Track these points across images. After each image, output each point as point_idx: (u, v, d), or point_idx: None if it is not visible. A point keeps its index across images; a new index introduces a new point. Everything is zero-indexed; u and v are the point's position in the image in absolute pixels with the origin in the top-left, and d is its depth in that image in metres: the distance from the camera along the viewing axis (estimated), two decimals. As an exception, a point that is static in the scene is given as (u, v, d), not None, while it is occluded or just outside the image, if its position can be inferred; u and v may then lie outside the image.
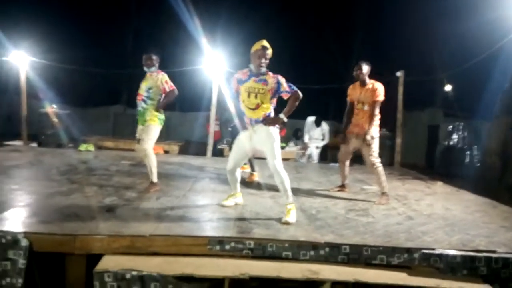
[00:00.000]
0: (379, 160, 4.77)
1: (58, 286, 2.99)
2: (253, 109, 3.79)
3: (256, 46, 3.75)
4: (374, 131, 4.73)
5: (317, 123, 8.63)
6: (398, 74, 8.55)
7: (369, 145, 4.66)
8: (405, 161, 11.03)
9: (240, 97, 3.87)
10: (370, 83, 4.79)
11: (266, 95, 3.74)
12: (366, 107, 4.78)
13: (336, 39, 19.23)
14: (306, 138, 8.78)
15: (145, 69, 4.69)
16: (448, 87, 16.14)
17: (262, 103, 3.75)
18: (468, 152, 13.07)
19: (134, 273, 2.71)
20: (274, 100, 3.86)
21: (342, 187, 5.28)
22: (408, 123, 14.10)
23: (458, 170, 11.85)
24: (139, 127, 4.74)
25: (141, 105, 4.68)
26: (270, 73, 3.81)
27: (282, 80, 3.77)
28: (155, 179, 4.63)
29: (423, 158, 14.73)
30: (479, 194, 5.52)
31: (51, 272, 3.06)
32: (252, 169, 5.80)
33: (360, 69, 4.76)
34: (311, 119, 8.70)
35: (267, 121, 3.75)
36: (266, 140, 3.75)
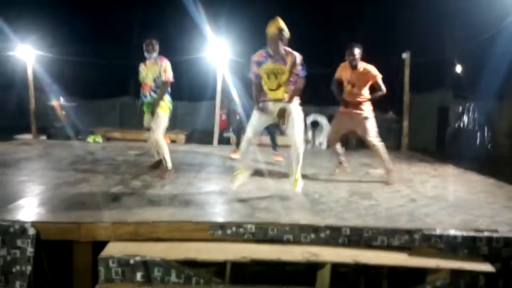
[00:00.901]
0: (378, 139, 4.78)
1: (66, 272, 3.08)
2: (274, 90, 3.82)
3: (272, 30, 3.71)
4: (370, 111, 4.75)
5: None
6: (404, 55, 8.44)
7: (367, 126, 4.74)
8: (415, 145, 10.95)
9: (262, 80, 3.88)
10: (361, 66, 4.76)
11: (286, 75, 3.76)
12: (356, 90, 4.79)
13: (341, 20, 18.95)
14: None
15: (147, 55, 4.71)
16: (458, 68, 15.85)
17: (284, 82, 3.78)
18: (479, 134, 12.91)
19: (137, 258, 2.78)
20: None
21: (340, 164, 5.26)
22: (417, 106, 13.93)
23: (469, 152, 11.73)
24: (146, 116, 4.81)
25: (150, 95, 4.72)
26: (289, 50, 3.79)
27: (299, 60, 3.77)
28: (169, 165, 4.78)
29: (433, 141, 14.59)
30: (488, 175, 5.47)
31: (59, 259, 3.15)
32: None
33: (353, 54, 4.66)
34: None
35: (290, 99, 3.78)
36: (290, 114, 3.78)
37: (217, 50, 8.37)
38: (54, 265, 3.14)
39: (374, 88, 4.90)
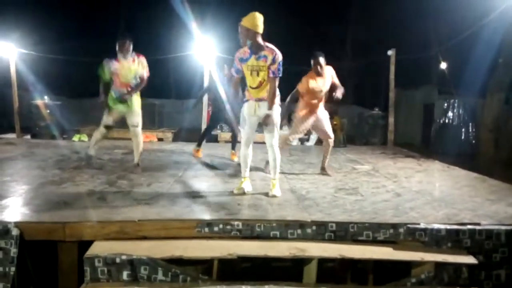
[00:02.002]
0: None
1: (51, 272, 3.05)
2: (256, 88, 3.80)
3: (248, 24, 3.64)
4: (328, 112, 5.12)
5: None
6: (390, 52, 8.52)
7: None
8: (401, 140, 11.08)
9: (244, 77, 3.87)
10: (325, 69, 4.80)
11: (266, 72, 3.72)
12: (322, 95, 4.90)
13: (328, 19, 19.04)
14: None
15: (121, 56, 4.63)
16: (442, 64, 16.07)
17: (265, 80, 3.74)
18: (463, 129, 13.11)
19: (124, 257, 2.76)
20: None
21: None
22: (403, 102, 14.08)
23: (454, 148, 11.91)
24: (122, 112, 4.85)
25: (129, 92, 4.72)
26: (270, 46, 3.74)
27: (277, 59, 3.70)
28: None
29: (419, 137, 14.77)
30: (472, 170, 5.57)
31: (44, 259, 3.12)
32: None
33: (319, 63, 4.69)
34: None
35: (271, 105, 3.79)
36: (272, 121, 3.85)
37: (204, 48, 8.33)
38: (39, 265, 3.11)
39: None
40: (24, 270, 2.97)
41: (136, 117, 4.85)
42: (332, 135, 5.09)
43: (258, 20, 3.66)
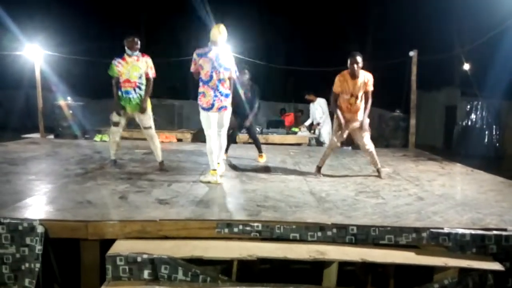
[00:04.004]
0: (371, 142, 5.02)
1: (74, 270, 3.11)
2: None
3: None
4: (365, 118, 4.91)
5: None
6: (411, 53, 8.37)
7: (365, 130, 4.91)
8: (423, 143, 10.87)
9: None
10: (362, 75, 4.73)
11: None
12: (352, 99, 4.80)
13: (349, 18, 18.87)
14: (307, 122, 9.25)
15: (130, 52, 4.75)
16: (465, 66, 15.72)
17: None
18: (487, 132, 12.79)
19: (145, 256, 2.79)
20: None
21: (319, 170, 5.16)
22: (425, 104, 13.84)
23: (477, 150, 11.63)
24: (133, 114, 4.92)
25: (137, 92, 4.83)
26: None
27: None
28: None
29: (440, 139, 14.48)
30: (497, 174, 5.42)
31: (67, 257, 3.18)
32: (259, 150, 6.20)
33: (357, 62, 4.59)
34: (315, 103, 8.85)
35: None
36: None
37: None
38: (62, 262, 3.17)
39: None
40: (49, 267, 3.04)
41: (148, 119, 4.95)
42: (369, 143, 4.97)
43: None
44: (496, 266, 2.84)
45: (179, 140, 9.43)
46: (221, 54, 4.40)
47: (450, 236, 2.99)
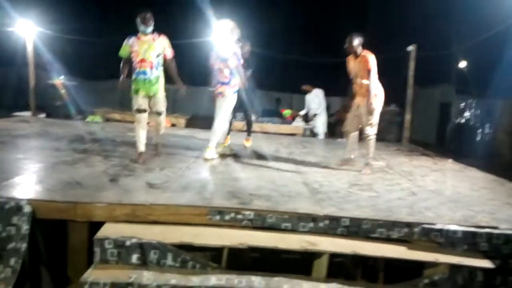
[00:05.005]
0: (375, 131, 4.78)
1: (61, 252, 3.05)
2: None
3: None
4: (370, 102, 4.66)
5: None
6: (410, 48, 8.33)
7: (370, 113, 4.68)
8: (416, 138, 10.89)
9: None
10: (362, 54, 4.70)
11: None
12: (359, 80, 4.75)
13: (346, 13, 18.72)
14: (302, 112, 9.21)
15: (143, 28, 4.46)
16: (462, 64, 15.73)
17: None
18: (479, 130, 12.87)
19: (134, 240, 2.75)
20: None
21: (346, 161, 5.17)
22: (420, 100, 13.84)
23: (469, 148, 11.70)
24: (147, 97, 4.59)
25: (152, 73, 4.51)
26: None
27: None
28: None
29: (433, 135, 14.55)
30: (488, 172, 5.44)
31: (55, 238, 3.12)
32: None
33: (348, 42, 4.67)
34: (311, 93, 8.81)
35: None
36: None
37: (225, 33, 8.22)
38: (50, 244, 3.11)
39: None
40: (35, 248, 2.98)
41: (161, 103, 4.68)
42: (369, 128, 4.74)
43: None
44: (486, 263, 2.85)
45: (173, 125, 9.35)
46: (221, 47, 4.90)
47: (442, 232, 2.98)
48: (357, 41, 4.65)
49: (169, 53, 4.61)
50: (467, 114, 13.26)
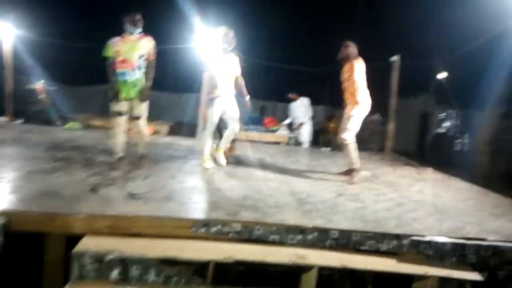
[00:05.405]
0: (351, 137, 4.81)
1: (36, 267, 2.88)
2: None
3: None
4: (351, 109, 4.76)
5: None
6: (394, 58, 8.41)
7: (343, 122, 4.80)
8: (397, 148, 10.99)
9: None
10: (350, 61, 4.73)
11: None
12: (345, 84, 4.80)
13: (333, 23, 18.93)
14: (287, 120, 9.18)
15: (133, 29, 4.36)
16: (442, 75, 16.05)
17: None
18: (459, 140, 13.11)
19: (114, 254, 2.61)
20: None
21: (348, 171, 5.06)
22: (401, 110, 14.04)
23: (449, 158, 11.88)
24: (129, 100, 4.45)
25: (134, 75, 4.39)
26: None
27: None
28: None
29: (414, 145, 14.74)
30: (469, 182, 5.49)
31: (30, 252, 2.95)
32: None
33: (340, 52, 4.77)
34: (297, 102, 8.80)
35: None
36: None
37: (204, 40, 8.15)
38: (24, 258, 2.94)
39: None
40: (8, 263, 2.80)
41: (141, 107, 4.50)
42: (342, 134, 4.81)
43: None
44: (475, 276, 2.82)
45: (156, 132, 9.17)
46: (224, 55, 4.95)
47: (431, 244, 2.95)
48: (346, 49, 4.67)
49: (152, 56, 4.50)
50: (446, 124, 13.53)
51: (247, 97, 5.08)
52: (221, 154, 5.12)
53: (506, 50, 8.50)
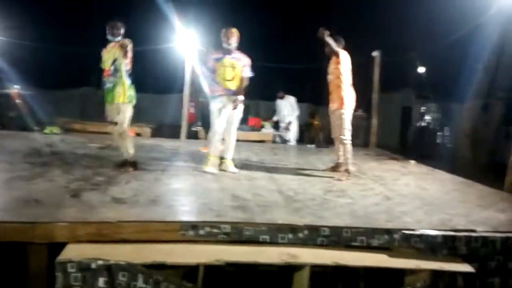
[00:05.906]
0: (349, 136, 4.83)
1: (19, 277, 2.76)
2: (230, 80, 4.69)
3: (237, 35, 4.68)
4: (338, 107, 4.76)
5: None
6: (374, 54, 8.47)
7: (340, 119, 4.80)
8: (379, 142, 11.10)
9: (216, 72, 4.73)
10: (336, 54, 4.75)
11: (240, 70, 4.71)
12: (331, 77, 4.82)
13: (311, 19, 18.98)
14: (275, 118, 9.16)
15: (110, 38, 4.35)
16: (421, 69, 16.29)
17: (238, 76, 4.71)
18: (440, 133, 13.31)
19: (100, 262, 2.51)
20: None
21: (336, 167, 5.12)
22: (383, 104, 14.21)
23: (430, 151, 12.05)
24: (108, 106, 4.48)
25: (109, 81, 4.39)
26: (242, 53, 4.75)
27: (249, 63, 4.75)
28: (132, 157, 4.60)
29: (396, 139, 14.92)
30: (455, 174, 5.55)
31: (11, 262, 2.83)
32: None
33: (325, 46, 4.74)
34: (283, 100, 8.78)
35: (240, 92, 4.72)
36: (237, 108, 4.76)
37: (186, 40, 8.05)
38: (5, 269, 2.82)
39: None
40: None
41: (116, 112, 4.42)
42: (343, 133, 4.81)
43: None
44: (466, 268, 2.82)
45: (138, 134, 9.00)
46: (232, 54, 4.82)
47: (422, 238, 2.94)
48: (332, 40, 4.65)
49: (127, 58, 4.39)
50: (427, 117, 13.71)
51: (240, 97, 4.72)
52: (229, 164, 4.88)
53: (482, 43, 8.68)
